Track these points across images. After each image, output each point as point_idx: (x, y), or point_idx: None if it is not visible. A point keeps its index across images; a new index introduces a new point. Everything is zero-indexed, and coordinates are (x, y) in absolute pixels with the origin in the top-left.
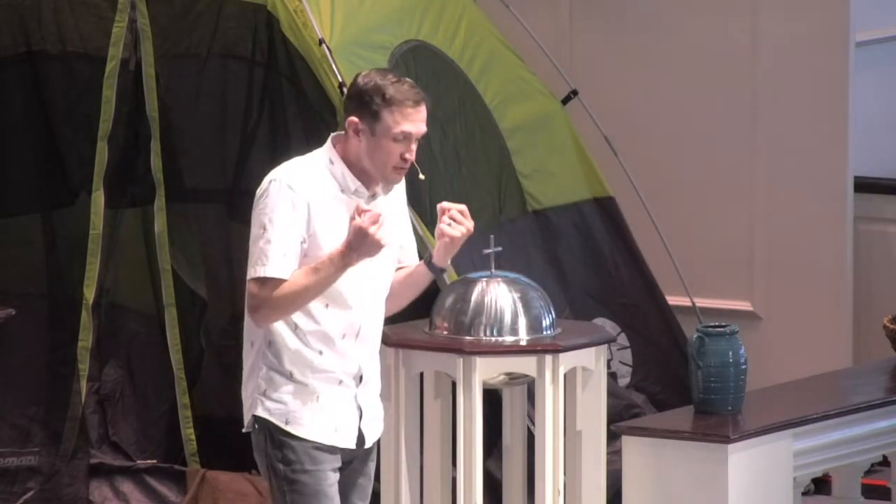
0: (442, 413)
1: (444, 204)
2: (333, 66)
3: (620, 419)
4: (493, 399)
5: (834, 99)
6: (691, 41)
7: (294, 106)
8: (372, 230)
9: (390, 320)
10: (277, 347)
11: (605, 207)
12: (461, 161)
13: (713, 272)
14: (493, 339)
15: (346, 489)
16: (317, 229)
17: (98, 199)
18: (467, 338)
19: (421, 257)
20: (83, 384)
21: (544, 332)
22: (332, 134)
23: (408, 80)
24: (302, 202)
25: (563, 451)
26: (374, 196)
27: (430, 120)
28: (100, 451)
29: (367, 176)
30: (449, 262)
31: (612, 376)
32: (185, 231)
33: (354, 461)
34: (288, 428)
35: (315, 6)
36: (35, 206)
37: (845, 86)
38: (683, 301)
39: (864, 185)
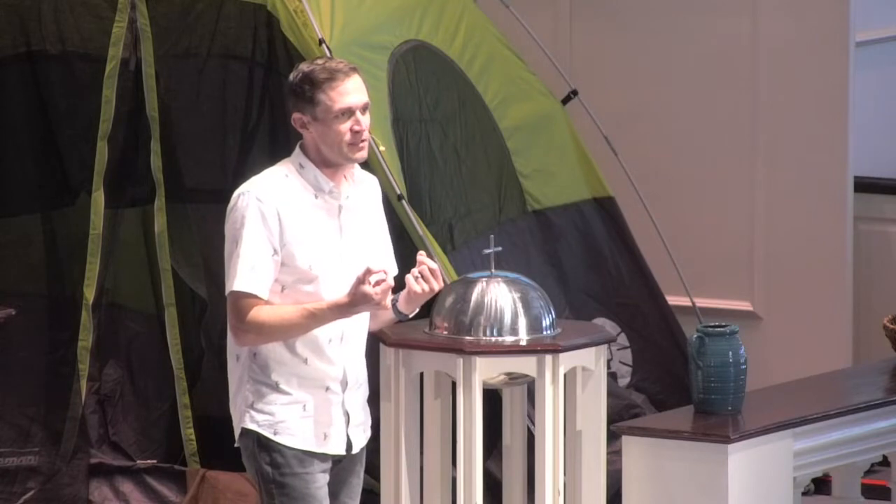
0: (442, 413)
1: (422, 257)
2: None
3: (620, 419)
4: (493, 399)
5: (834, 99)
6: (691, 41)
7: None
8: (378, 296)
9: None
10: (263, 358)
11: (605, 207)
12: (461, 161)
13: (713, 272)
14: (493, 339)
15: (335, 488)
16: (291, 238)
17: (98, 199)
18: (467, 338)
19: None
20: (83, 384)
21: (544, 332)
22: (300, 141)
23: (333, 58)
24: (272, 213)
25: (563, 451)
26: (348, 197)
27: (430, 120)
28: (100, 451)
29: (336, 173)
30: (414, 310)
31: (612, 376)
32: (185, 231)
33: (344, 460)
34: (276, 439)
35: (315, 6)
36: (35, 206)
37: (845, 86)
38: (683, 301)
39: (864, 185)
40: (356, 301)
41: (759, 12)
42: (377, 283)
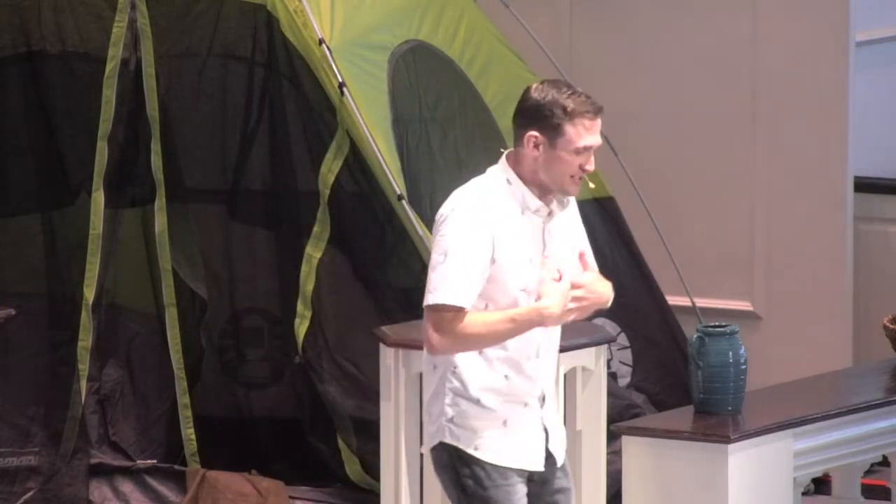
0: None
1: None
2: (333, 66)
3: (620, 419)
4: None
5: (834, 99)
6: (691, 41)
7: (294, 106)
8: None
9: (391, 321)
10: (463, 373)
11: (605, 207)
12: (461, 161)
13: (713, 272)
14: None
15: (551, 499)
16: (501, 255)
17: (98, 199)
18: None
19: None
20: (83, 384)
21: None
22: (505, 152)
23: (582, 91)
24: (486, 229)
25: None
26: (550, 214)
27: (430, 120)
28: (100, 451)
29: (544, 193)
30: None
31: (612, 376)
32: (185, 231)
33: (546, 473)
34: (477, 454)
35: (315, 6)
36: (35, 206)
37: (845, 86)
38: (683, 301)
39: (864, 185)
40: (558, 310)
41: (759, 12)
42: (574, 299)
